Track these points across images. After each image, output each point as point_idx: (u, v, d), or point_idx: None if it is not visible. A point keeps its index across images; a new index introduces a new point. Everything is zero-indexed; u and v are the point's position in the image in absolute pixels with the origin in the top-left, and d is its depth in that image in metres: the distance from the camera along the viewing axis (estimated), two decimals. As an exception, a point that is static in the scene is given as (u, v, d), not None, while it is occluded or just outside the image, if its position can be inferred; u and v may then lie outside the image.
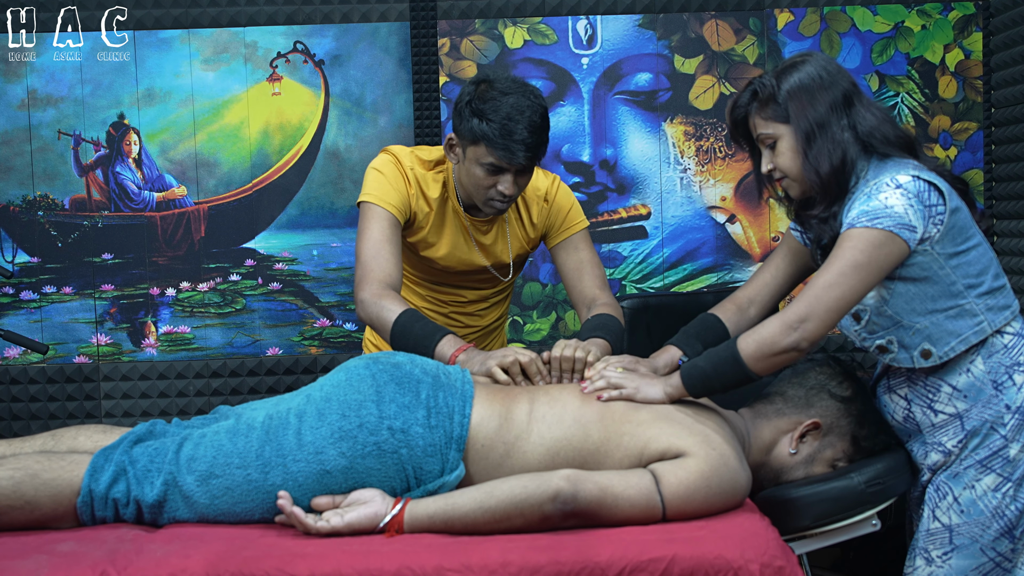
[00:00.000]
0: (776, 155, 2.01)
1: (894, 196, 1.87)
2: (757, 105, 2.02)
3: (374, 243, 2.23)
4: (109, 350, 3.41)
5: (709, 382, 1.92)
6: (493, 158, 2.15)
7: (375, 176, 2.30)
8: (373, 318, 2.14)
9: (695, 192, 3.43)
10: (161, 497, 1.82)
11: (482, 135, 2.14)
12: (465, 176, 2.24)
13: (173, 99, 3.37)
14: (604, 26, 3.40)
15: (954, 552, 1.95)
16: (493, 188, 2.20)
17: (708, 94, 3.41)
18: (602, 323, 2.23)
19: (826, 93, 1.96)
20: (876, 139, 1.96)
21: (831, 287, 1.85)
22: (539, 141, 2.17)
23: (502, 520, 1.72)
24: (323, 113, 3.39)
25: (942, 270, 1.92)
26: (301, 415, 1.87)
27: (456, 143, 2.24)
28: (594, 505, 1.72)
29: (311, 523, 1.74)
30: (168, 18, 3.34)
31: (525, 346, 3.42)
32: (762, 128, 2.02)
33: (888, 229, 1.85)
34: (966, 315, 1.93)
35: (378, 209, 2.26)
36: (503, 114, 2.13)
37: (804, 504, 1.94)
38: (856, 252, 1.86)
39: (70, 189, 3.39)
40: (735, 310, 2.20)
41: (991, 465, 1.93)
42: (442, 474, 1.84)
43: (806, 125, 1.96)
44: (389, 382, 1.89)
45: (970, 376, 1.95)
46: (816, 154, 1.95)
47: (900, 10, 3.39)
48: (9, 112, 3.36)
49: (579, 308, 2.39)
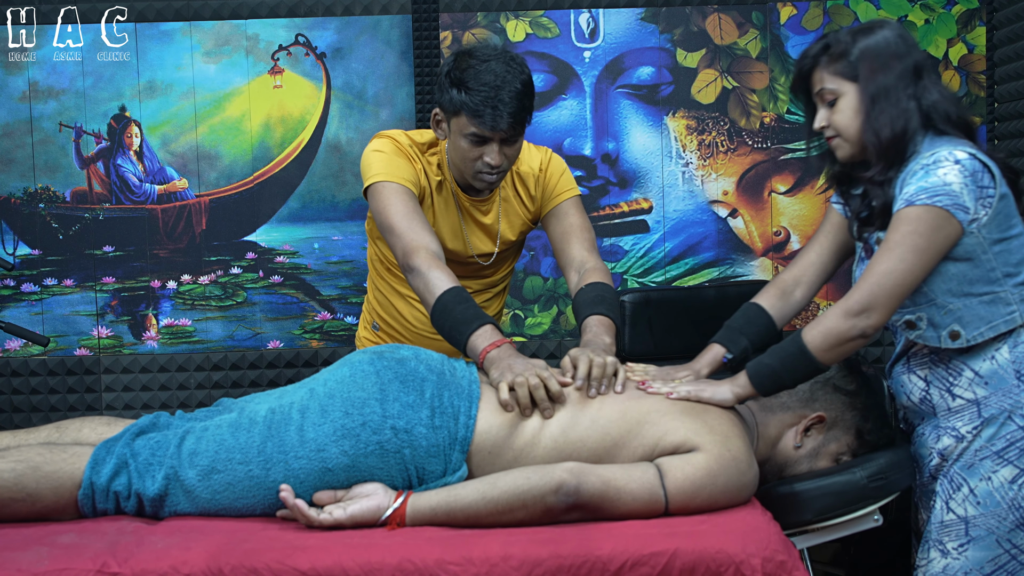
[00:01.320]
0: (834, 112, 2.00)
1: (952, 172, 1.86)
2: (827, 59, 2.00)
3: (404, 215, 2.13)
4: (110, 343, 3.41)
5: (779, 379, 1.93)
6: (475, 127, 2.09)
7: (379, 157, 2.21)
8: (422, 289, 2.05)
9: (697, 186, 3.42)
10: (162, 491, 1.82)
11: (462, 105, 2.08)
12: (452, 150, 2.19)
13: (174, 92, 3.37)
14: (606, 19, 3.39)
15: (970, 544, 1.94)
16: (480, 160, 2.14)
17: (710, 88, 3.41)
18: (599, 296, 2.16)
19: (898, 61, 1.95)
20: (938, 115, 1.95)
21: (891, 273, 1.85)
22: (521, 107, 2.10)
23: (504, 512, 1.72)
24: (325, 106, 3.38)
25: (984, 254, 1.91)
26: (304, 411, 1.85)
27: (441, 117, 2.18)
28: (597, 498, 1.72)
29: (314, 515, 1.74)
30: (170, 10, 3.34)
31: (526, 340, 3.42)
32: (827, 83, 2.00)
33: (946, 208, 1.85)
34: (1000, 303, 1.92)
35: (393, 185, 2.16)
36: (482, 81, 2.07)
37: (806, 498, 1.94)
38: (916, 236, 1.85)
39: (71, 181, 3.38)
40: (778, 294, 2.18)
41: (1008, 456, 1.92)
42: (444, 474, 1.83)
43: (874, 88, 1.95)
44: (393, 380, 1.87)
45: (994, 363, 1.94)
46: (879, 118, 1.94)
47: (903, 4, 3.38)
48: (10, 104, 3.35)
49: (567, 272, 2.30)
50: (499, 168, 2.15)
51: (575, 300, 2.21)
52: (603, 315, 2.12)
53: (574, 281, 2.26)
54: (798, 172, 3.43)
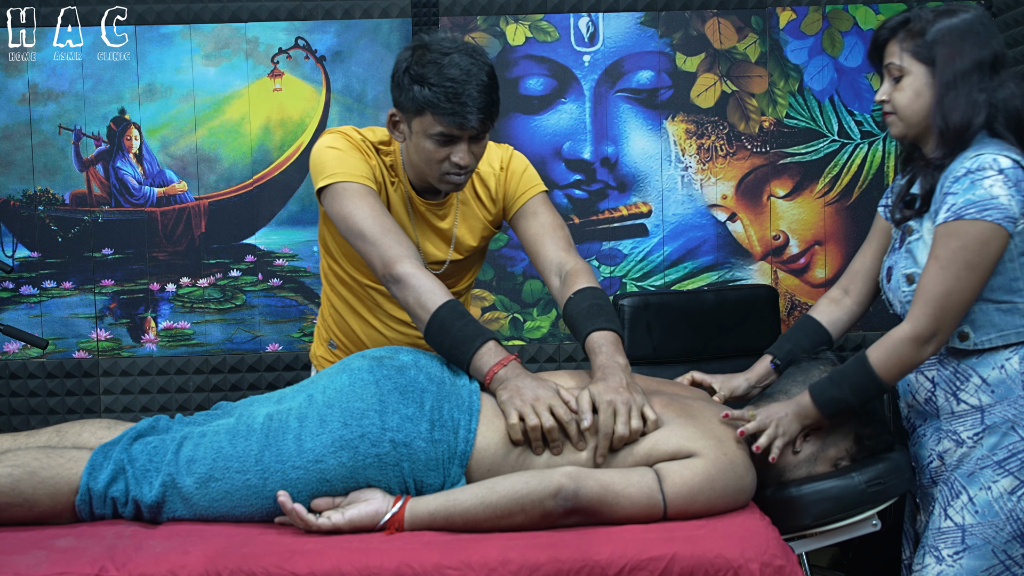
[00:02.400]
0: (897, 89, 1.97)
1: (998, 184, 1.84)
2: (904, 34, 1.97)
3: (375, 218, 1.97)
4: (109, 345, 3.41)
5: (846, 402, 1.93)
6: (442, 126, 1.94)
7: (334, 155, 2.04)
8: (412, 302, 1.91)
9: (696, 190, 3.43)
10: (160, 498, 1.81)
11: (427, 102, 1.93)
12: (414, 153, 2.03)
13: (174, 94, 3.37)
14: (606, 23, 3.39)
15: (966, 552, 1.93)
16: (447, 161, 1.99)
17: (709, 92, 3.41)
18: (595, 305, 2.01)
19: (976, 49, 1.91)
20: (1004, 112, 1.91)
21: (953, 293, 1.84)
22: (490, 101, 1.96)
23: (503, 516, 1.72)
24: (324, 109, 3.39)
25: (1011, 263, 1.90)
26: (302, 419, 1.83)
27: (399, 118, 2.02)
28: (595, 502, 1.72)
29: (312, 520, 1.74)
30: (169, 13, 3.34)
31: (525, 343, 3.42)
32: (896, 58, 1.97)
33: (996, 221, 1.83)
34: (1016, 313, 1.92)
35: (355, 185, 2.01)
36: (448, 76, 1.91)
37: (804, 503, 1.94)
38: (968, 252, 1.84)
39: (70, 184, 3.38)
40: (828, 303, 2.20)
41: (1009, 467, 1.92)
42: (443, 487, 1.82)
43: (950, 74, 1.91)
44: (393, 390, 1.85)
45: (1003, 373, 1.93)
46: (950, 103, 1.91)
47: (902, 8, 3.38)
48: (10, 106, 3.35)
49: (547, 275, 2.13)
50: (467, 168, 2.01)
51: (568, 311, 2.05)
52: (607, 329, 1.97)
53: (556, 285, 2.12)
54: (797, 176, 3.43)
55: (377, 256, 1.96)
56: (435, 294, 1.91)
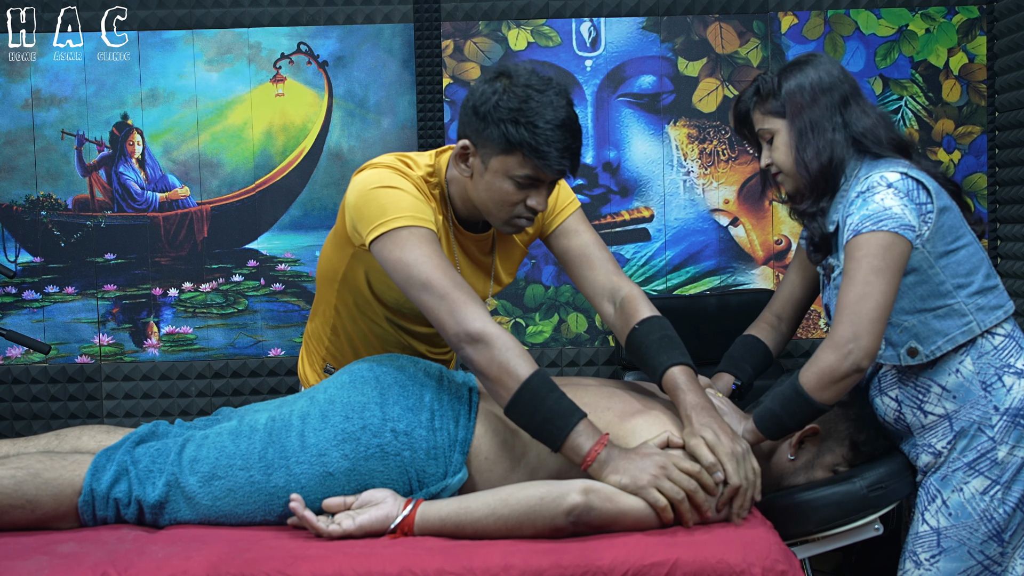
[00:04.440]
0: (773, 150, 2.06)
1: (889, 196, 1.90)
2: (759, 100, 2.07)
3: (445, 270, 1.79)
4: (111, 350, 3.41)
5: (782, 423, 1.92)
6: (530, 169, 1.82)
7: (398, 196, 1.86)
8: (495, 366, 1.74)
9: (698, 195, 3.43)
10: (163, 498, 1.82)
11: (520, 142, 1.80)
12: (485, 191, 1.88)
13: (176, 100, 3.38)
14: (608, 28, 3.40)
15: (942, 555, 1.95)
16: (521, 204, 1.87)
17: (711, 97, 3.41)
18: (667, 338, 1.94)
19: (824, 95, 2.00)
20: (869, 140, 2.00)
21: (864, 298, 1.85)
22: (580, 145, 1.85)
23: (513, 529, 1.71)
24: (326, 114, 3.39)
25: (931, 269, 1.94)
26: (304, 417, 1.87)
27: (474, 153, 1.88)
28: (608, 521, 1.71)
29: (323, 527, 1.74)
30: (172, 19, 3.35)
31: (528, 348, 3.42)
32: (761, 123, 2.07)
33: (893, 230, 1.87)
34: (954, 315, 1.94)
35: (423, 231, 1.82)
36: (548, 118, 1.79)
37: (806, 508, 1.94)
38: (872, 258, 1.86)
39: (73, 189, 3.39)
40: (767, 328, 2.25)
41: (979, 468, 1.94)
42: (445, 477, 1.83)
43: (800, 123, 2.00)
44: (393, 384, 1.88)
45: (959, 377, 1.96)
46: (806, 150, 2.00)
47: (904, 13, 3.39)
48: (13, 112, 3.36)
49: (599, 301, 2.04)
50: (539, 213, 1.91)
51: (634, 340, 1.97)
52: (685, 364, 1.89)
53: (610, 312, 2.03)
54: (799, 181, 3.43)
55: (447, 312, 1.77)
56: (523, 359, 1.75)
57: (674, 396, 1.87)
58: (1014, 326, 2.00)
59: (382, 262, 1.85)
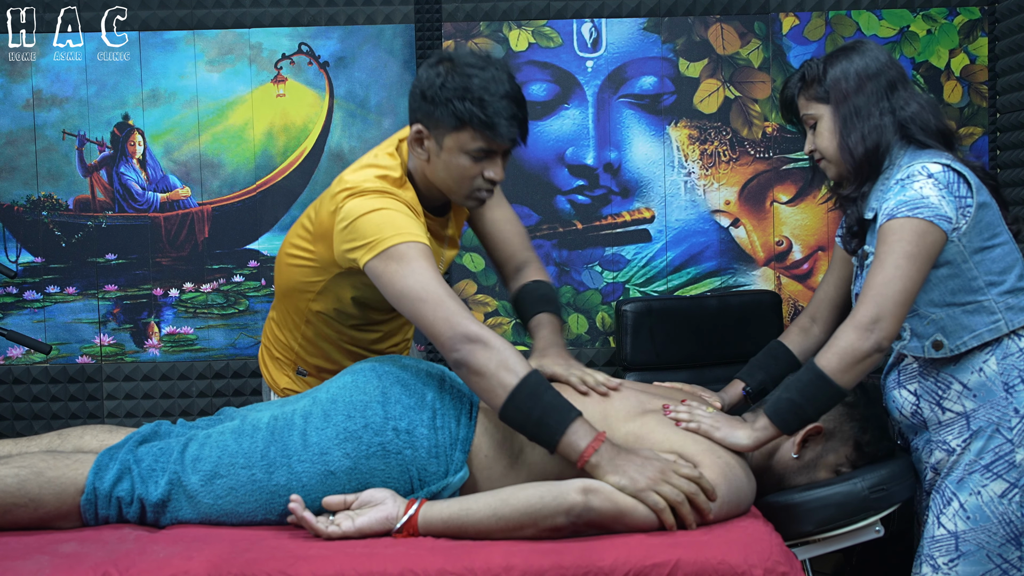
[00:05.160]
0: (816, 136, 2.05)
1: (928, 186, 1.89)
2: (804, 86, 2.07)
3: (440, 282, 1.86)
4: (112, 350, 3.41)
5: (802, 411, 1.86)
6: (482, 141, 1.92)
7: (392, 216, 1.92)
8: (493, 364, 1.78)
9: (699, 196, 3.43)
10: (165, 496, 1.83)
11: (469, 116, 1.89)
12: (443, 170, 1.97)
13: (178, 100, 3.38)
14: (609, 29, 3.40)
15: (960, 559, 1.94)
16: (479, 177, 1.97)
17: (712, 98, 3.41)
18: (549, 298, 2.21)
19: (870, 81, 1.99)
20: (916, 126, 1.98)
21: (892, 281, 1.84)
22: (525, 115, 1.96)
23: (515, 529, 1.72)
24: (327, 115, 3.39)
25: (965, 263, 1.93)
26: (307, 416, 1.87)
27: (427, 136, 1.96)
28: (608, 520, 1.71)
29: (322, 528, 1.74)
30: (173, 19, 3.35)
31: (527, 349, 3.42)
32: (805, 109, 2.06)
33: (928, 219, 1.87)
34: (983, 312, 1.93)
35: (421, 246, 1.89)
36: (492, 91, 1.89)
37: (807, 510, 1.94)
38: (905, 243, 1.86)
39: (74, 189, 3.39)
40: (798, 332, 2.24)
41: (997, 470, 1.92)
42: (446, 475, 1.83)
43: (846, 109, 1.99)
44: (395, 384, 1.89)
45: (982, 376, 1.94)
46: (851, 136, 1.99)
47: (905, 14, 3.39)
48: (14, 112, 3.36)
49: (505, 267, 2.27)
50: (497, 184, 2.01)
51: (521, 294, 2.22)
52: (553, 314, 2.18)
53: (510, 273, 2.28)
54: (800, 182, 3.43)
55: (444, 320, 1.82)
56: (520, 358, 1.81)
57: (535, 332, 2.15)
58: None
59: (376, 278, 1.90)
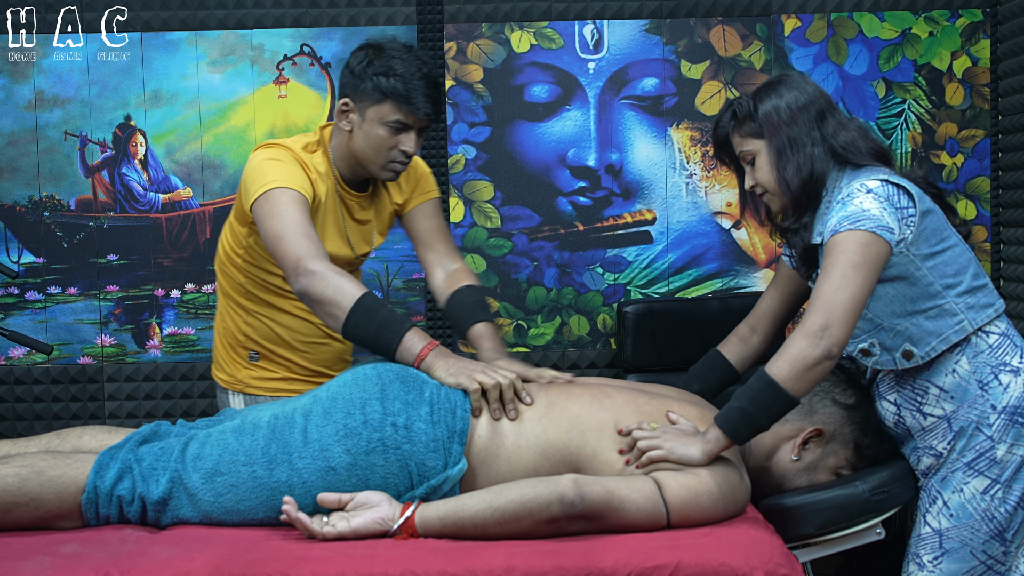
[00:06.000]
0: (756, 170, 2.09)
1: (868, 200, 1.91)
2: (735, 123, 2.10)
3: (299, 222, 2.06)
4: (113, 351, 3.41)
5: (753, 420, 1.84)
6: (401, 114, 2.14)
7: (275, 165, 2.15)
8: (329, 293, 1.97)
9: (700, 197, 3.43)
10: (166, 494, 1.83)
11: (390, 91, 2.12)
12: (363, 140, 2.18)
13: (179, 101, 3.38)
14: (611, 31, 3.40)
15: (944, 556, 1.95)
16: (395, 149, 2.17)
17: (714, 99, 3.41)
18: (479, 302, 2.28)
19: (802, 112, 2.03)
20: (850, 152, 2.02)
21: (839, 289, 1.85)
22: (441, 96, 2.19)
23: (511, 521, 1.73)
24: (329, 116, 3.39)
25: (919, 271, 1.95)
26: (307, 414, 1.89)
27: (351, 108, 2.18)
28: (601, 507, 1.73)
29: (317, 528, 1.75)
30: (175, 20, 3.35)
31: (529, 350, 3.42)
32: (741, 146, 2.10)
33: (871, 230, 1.89)
34: (945, 315, 1.95)
35: (291, 192, 2.10)
36: (410, 69, 2.12)
37: (808, 512, 1.94)
38: (849, 253, 1.87)
39: (76, 190, 3.39)
40: (737, 341, 2.29)
41: (978, 467, 1.94)
42: (445, 468, 1.84)
43: (779, 142, 2.03)
44: (394, 380, 1.91)
45: (956, 376, 1.96)
46: (789, 168, 2.02)
47: (907, 17, 3.39)
48: (16, 113, 3.36)
49: (432, 268, 2.38)
50: (411, 157, 2.20)
51: (454, 299, 2.29)
52: (489, 322, 2.25)
53: (440, 277, 2.36)
54: (802, 184, 3.43)
55: (292, 252, 2.01)
56: (353, 285, 1.99)
57: (478, 344, 2.20)
58: (1008, 325, 2.01)
59: (256, 220, 2.12)
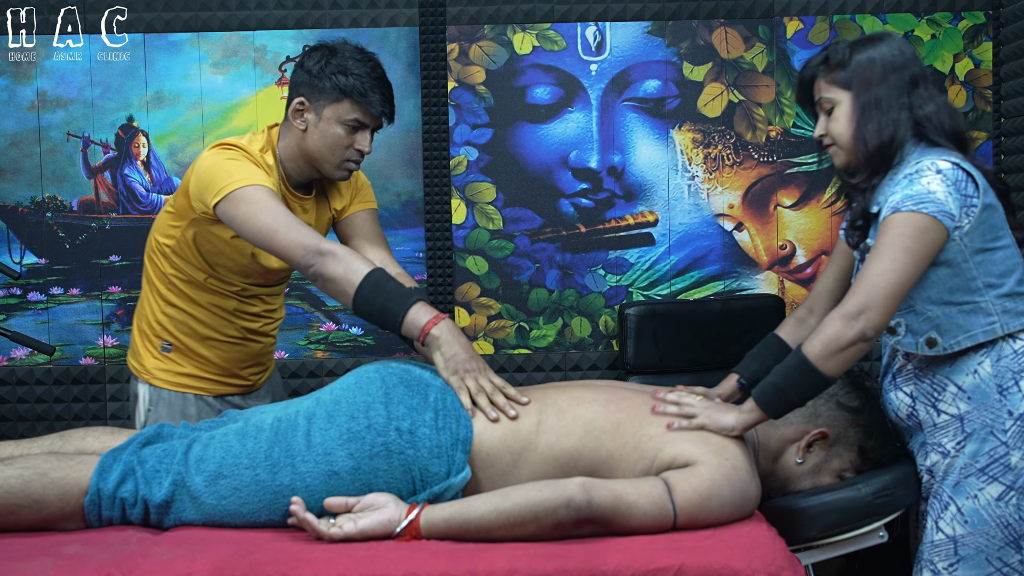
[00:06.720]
0: (831, 121, 2.04)
1: (935, 181, 1.89)
2: (826, 69, 2.05)
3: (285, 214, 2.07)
4: (115, 352, 3.41)
5: (785, 396, 1.89)
6: (359, 112, 2.17)
7: (237, 164, 2.14)
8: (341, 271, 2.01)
9: (703, 199, 3.43)
10: (169, 497, 1.83)
11: (349, 89, 2.15)
12: (319, 139, 2.19)
13: (182, 102, 3.38)
14: (613, 33, 3.40)
15: (960, 563, 1.93)
16: (351, 148, 2.20)
17: (716, 102, 3.41)
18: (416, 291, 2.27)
19: (894, 73, 1.99)
20: (931, 125, 1.98)
21: (884, 273, 1.85)
22: (393, 99, 2.23)
23: (516, 525, 1.72)
24: (331, 117, 3.39)
25: (966, 263, 1.92)
26: (310, 417, 1.88)
27: (307, 107, 2.19)
28: (608, 512, 1.72)
29: (324, 529, 1.75)
30: (178, 21, 3.35)
31: (531, 352, 3.42)
32: (824, 92, 2.05)
33: (932, 214, 1.87)
34: (980, 313, 1.93)
35: (264, 189, 2.10)
36: (366, 69, 2.17)
37: (811, 514, 1.94)
38: (904, 237, 1.86)
39: (78, 191, 3.39)
40: (795, 323, 2.24)
41: (992, 473, 1.92)
42: (448, 476, 1.84)
43: (866, 98, 1.99)
44: (398, 384, 1.90)
45: (976, 378, 1.94)
46: (867, 126, 1.98)
47: (910, 19, 3.39)
48: (19, 113, 3.36)
49: None
50: (364, 156, 2.24)
51: None
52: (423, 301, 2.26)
53: None
54: (804, 186, 3.43)
55: (297, 242, 2.04)
56: (364, 262, 2.05)
57: None
58: None
59: (230, 220, 2.10)
